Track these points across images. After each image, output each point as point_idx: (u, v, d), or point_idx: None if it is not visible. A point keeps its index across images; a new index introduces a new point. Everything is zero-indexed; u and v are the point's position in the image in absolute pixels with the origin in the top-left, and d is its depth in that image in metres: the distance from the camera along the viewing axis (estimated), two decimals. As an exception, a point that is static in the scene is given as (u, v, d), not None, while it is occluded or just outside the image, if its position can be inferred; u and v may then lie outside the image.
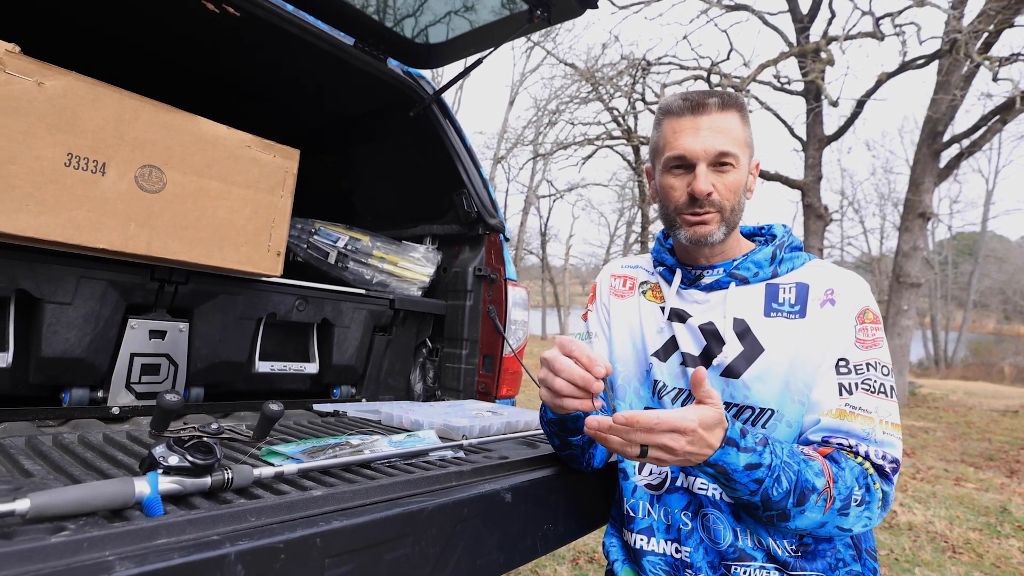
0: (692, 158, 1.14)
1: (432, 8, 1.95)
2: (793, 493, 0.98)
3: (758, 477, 0.97)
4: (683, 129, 1.15)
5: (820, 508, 0.99)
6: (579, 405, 1.02)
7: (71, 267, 1.40)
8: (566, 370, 1.00)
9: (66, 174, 1.24)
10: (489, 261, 2.24)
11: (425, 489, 1.08)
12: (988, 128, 9.30)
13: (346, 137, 2.69)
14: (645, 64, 12.17)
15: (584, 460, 1.31)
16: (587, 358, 1.00)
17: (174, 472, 0.86)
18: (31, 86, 1.18)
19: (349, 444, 1.20)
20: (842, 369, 1.10)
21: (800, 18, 10.81)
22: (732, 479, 0.98)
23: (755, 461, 0.97)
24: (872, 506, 1.02)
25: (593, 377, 0.99)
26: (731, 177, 1.15)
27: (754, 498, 0.99)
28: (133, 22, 2.01)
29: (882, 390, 1.09)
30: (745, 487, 0.98)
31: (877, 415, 1.06)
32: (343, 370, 2.04)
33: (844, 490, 1.00)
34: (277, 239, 1.59)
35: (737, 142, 1.15)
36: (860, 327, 1.12)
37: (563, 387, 1.01)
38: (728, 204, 1.16)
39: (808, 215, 10.93)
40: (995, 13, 8.39)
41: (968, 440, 7.82)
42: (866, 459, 1.05)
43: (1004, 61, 8.45)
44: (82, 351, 1.46)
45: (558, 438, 1.27)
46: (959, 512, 4.48)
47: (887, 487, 1.04)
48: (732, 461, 0.96)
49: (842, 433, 1.06)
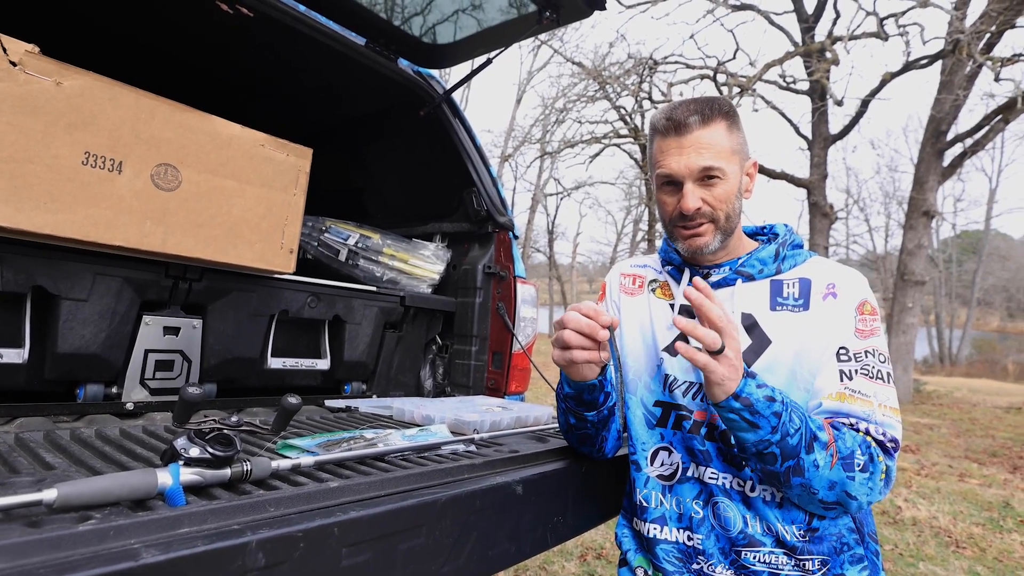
0: (677, 177, 1.20)
1: (442, 9, 1.96)
2: (804, 436, 1.03)
3: (776, 410, 1.03)
4: (668, 149, 1.21)
5: (828, 461, 1.04)
6: (587, 356, 1.10)
7: (87, 264, 1.42)
8: (573, 320, 1.09)
9: (83, 172, 1.26)
10: (499, 258, 2.25)
11: (438, 481, 1.10)
12: (991, 127, 9.32)
13: (357, 136, 2.71)
14: (652, 63, 12.18)
15: (597, 443, 1.34)
16: (592, 310, 1.09)
17: (195, 464, 0.88)
18: (50, 86, 1.20)
19: (363, 438, 1.22)
20: (843, 357, 1.15)
21: (805, 18, 10.80)
22: (756, 411, 1.02)
23: (770, 394, 1.04)
24: (875, 477, 1.07)
25: (599, 325, 1.07)
26: (719, 189, 1.20)
27: (774, 436, 1.03)
28: (149, 23, 2.03)
29: (879, 376, 1.14)
30: (767, 420, 1.03)
31: (876, 399, 1.12)
32: (354, 366, 2.06)
33: (846, 449, 1.05)
34: (290, 237, 1.61)
35: (722, 154, 1.19)
36: (859, 317, 1.18)
37: (571, 338, 1.09)
38: (721, 213, 1.21)
39: (814, 213, 10.92)
40: (997, 14, 8.40)
41: (972, 437, 7.83)
42: (867, 435, 1.10)
43: (1006, 61, 8.49)
44: (97, 347, 1.48)
45: (574, 415, 1.29)
46: (963, 507, 4.49)
47: (889, 462, 1.09)
48: (753, 392, 1.02)
49: (843, 414, 1.12)
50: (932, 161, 9.75)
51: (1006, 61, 8.47)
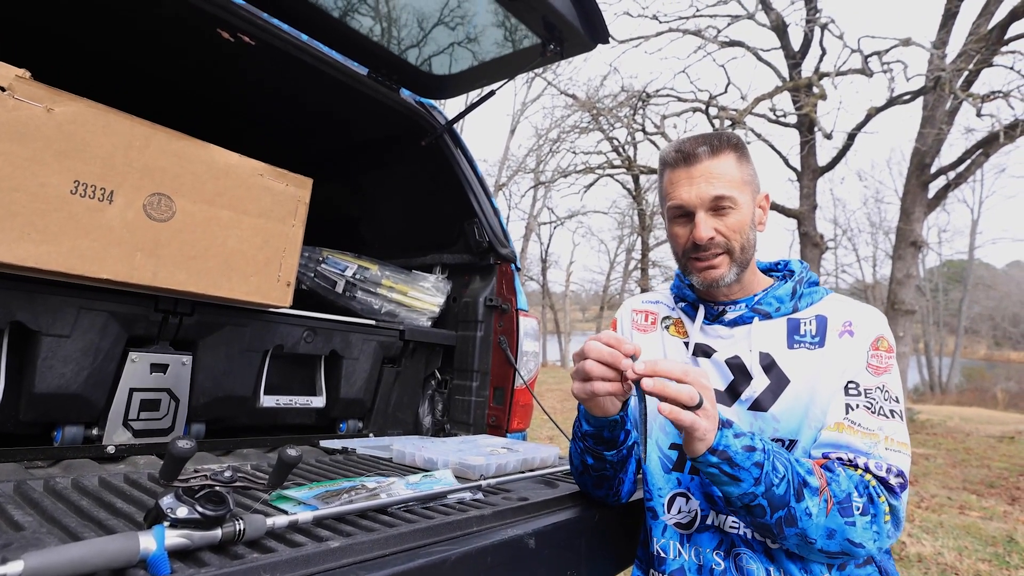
0: (689, 207, 1.18)
1: (446, 40, 1.94)
2: (791, 484, 0.98)
3: (758, 460, 0.98)
4: (678, 180, 1.19)
5: (823, 509, 0.98)
6: (609, 388, 1.02)
7: (72, 298, 1.34)
8: (594, 350, 1.02)
9: (72, 202, 1.19)
10: (500, 291, 2.19)
11: (446, 536, 1.03)
12: (972, 161, 9.51)
13: (357, 165, 2.67)
14: (645, 96, 12.35)
15: (614, 485, 1.29)
16: (615, 339, 1.02)
17: (182, 525, 0.79)
18: (40, 112, 1.14)
19: (365, 487, 1.13)
20: (851, 391, 1.12)
21: (792, 54, 11.03)
22: (736, 464, 0.97)
23: (749, 444, 0.98)
24: (879, 519, 1.01)
25: (622, 354, 1.00)
26: (732, 218, 1.17)
27: (758, 488, 0.98)
28: (149, 50, 1.99)
29: (882, 412, 1.10)
30: (749, 473, 0.97)
31: (881, 432, 1.07)
32: (351, 403, 1.97)
33: (841, 493, 0.99)
34: (287, 269, 1.54)
35: (733, 184, 1.17)
36: (873, 353, 1.15)
37: (593, 368, 1.01)
38: (736, 244, 1.18)
39: (804, 243, 11.00)
40: (975, 53, 8.66)
41: (968, 467, 7.78)
42: (866, 471, 1.04)
43: (985, 98, 8.72)
44: (78, 386, 1.39)
45: (592, 455, 1.23)
46: (967, 542, 4.43)
47: (894, 501, 1.02)
48: (730, 444, 0.97)
49: (842, 447, 1.07)
50: (918, 193, 9.90)
51: (985, 98, 8.71)
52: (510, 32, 1.84)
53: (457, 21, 1.86)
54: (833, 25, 10.15)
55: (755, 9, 11.06)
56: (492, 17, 1.79)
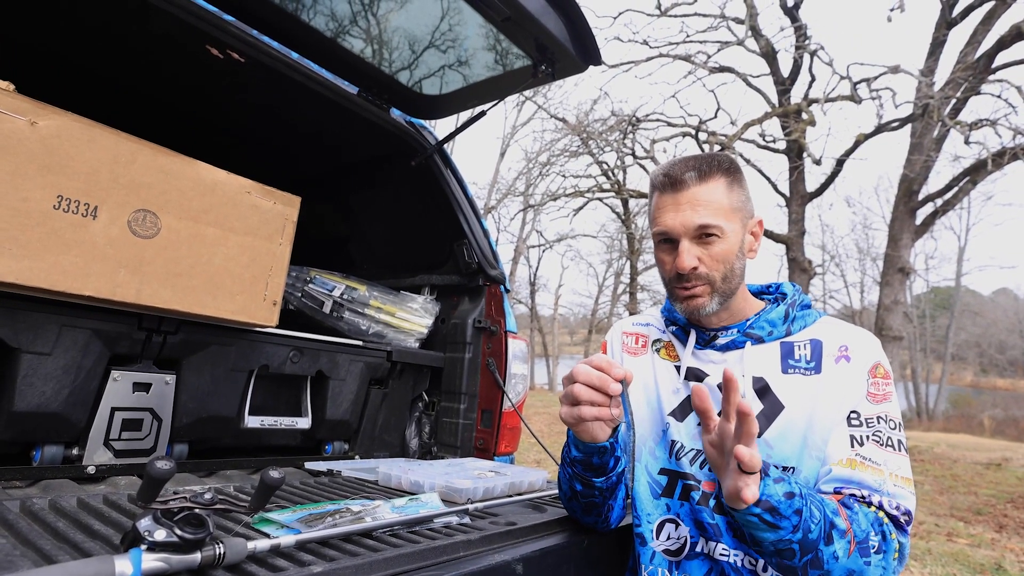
0: (673, 235, 1.16)
1: (437, 60, 1.95)
2: (823, 528, 0.95)
3: (797, 507, 0.93)
4: (665, 206, 1.17)
5: (846, 550, 0.96)
6: (597, 413, 1.01)
7: (53, 315, 1.31)
8: (583, 374, 1.01)
9: (54, 217, 1.18)
10: (489, 313, 2.17)
11: (432, 561, 1.01)
12: (960, 188, 9.66)
13: (346, 184, 2.66)
14: (634, 120, 12.51)
15: (603, 512, 1.25)
16: (605, 362, 1.01)
17: (159, 548, 0.77)
18: (23, 125, 1.13)
19: (349, 510, 1.11)
20: (853, 421, 1.09)
21: (781, 80, 11.25)
22: (778, 513, 0.92)
23: (789, 489, 0.93)
24: (889, 556, 0.99)
25: (611, 378, 0.99)
26: (717, 248, 1.15)
27: (795, 535, 0.93)
28: (137, 66, 1.98)
29: (889, 443, 1.08)
30: (790, 521, 0.93)
31: (887, 468, 1.06)
32: (337, 425, 1.94)
33: (861, 533, 0.97)
34: (274, 288, 1.53)
35: (720, 212, 1.14)
36: (872, 381, 1.13)
37: (581, 392, 1.00)
38: (717, 275, 1.15)
39: (793, 268, 11.09)
40: (963, 81, 8.86)
41: (955, 494, 7.77)
42: (880, 508, 1.02)
43: (973, 126, 8.90)
44: (59, 405, 1.36)
45: (580, 481, 1.20)
46: (955, 570, 4.41)
47: (903, 538, 1.02)
48: (773, 492, 0.92)
49: (854, 484, 1.04)
50: (905, 219, 10.04)
51: (973, 125, 8.89)
52: (502, 53, 1.85)
53: (449, 42, 1.87)
54: (822, 52, 10.38)
55: (745, 36, 11.30)
56: (484, 38, 1.81)
